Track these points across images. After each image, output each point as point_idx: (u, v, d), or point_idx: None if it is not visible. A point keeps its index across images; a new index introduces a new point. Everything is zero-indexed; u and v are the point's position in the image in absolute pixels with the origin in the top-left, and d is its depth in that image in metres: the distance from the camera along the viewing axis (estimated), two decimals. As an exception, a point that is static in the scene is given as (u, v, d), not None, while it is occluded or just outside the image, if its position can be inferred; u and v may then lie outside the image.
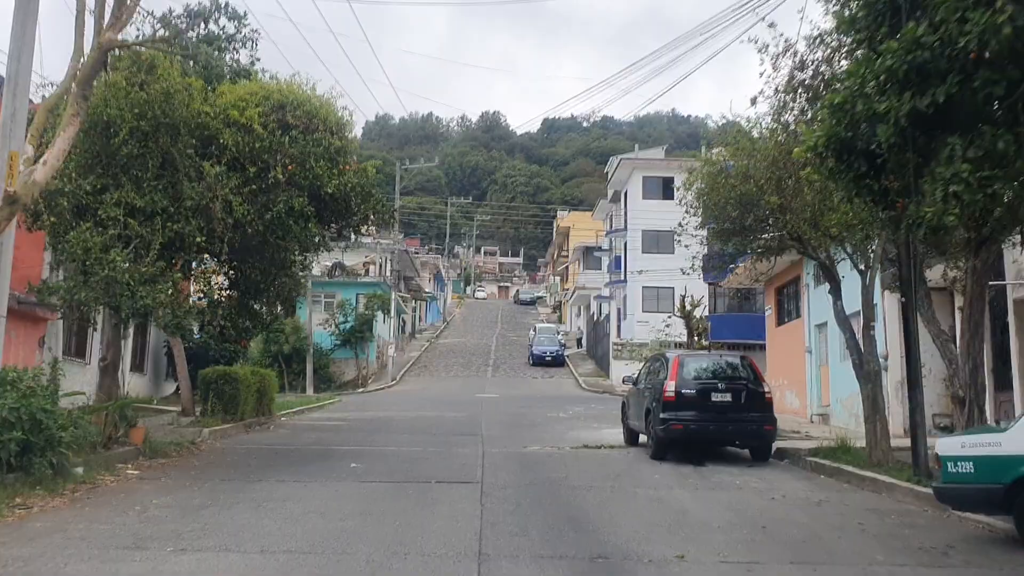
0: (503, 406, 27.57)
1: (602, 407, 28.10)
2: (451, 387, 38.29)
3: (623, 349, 40.61)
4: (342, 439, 16.53)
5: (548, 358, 46.12)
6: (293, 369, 40.70)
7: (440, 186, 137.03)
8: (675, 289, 42.39)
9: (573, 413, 25.18)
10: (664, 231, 42.64)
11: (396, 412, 24.61)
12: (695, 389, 13.56)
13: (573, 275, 65.02)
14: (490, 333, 62.69)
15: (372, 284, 42.27)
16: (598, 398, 34.28)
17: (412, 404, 28.44)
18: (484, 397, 31.91)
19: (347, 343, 41.63)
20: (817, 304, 22.21)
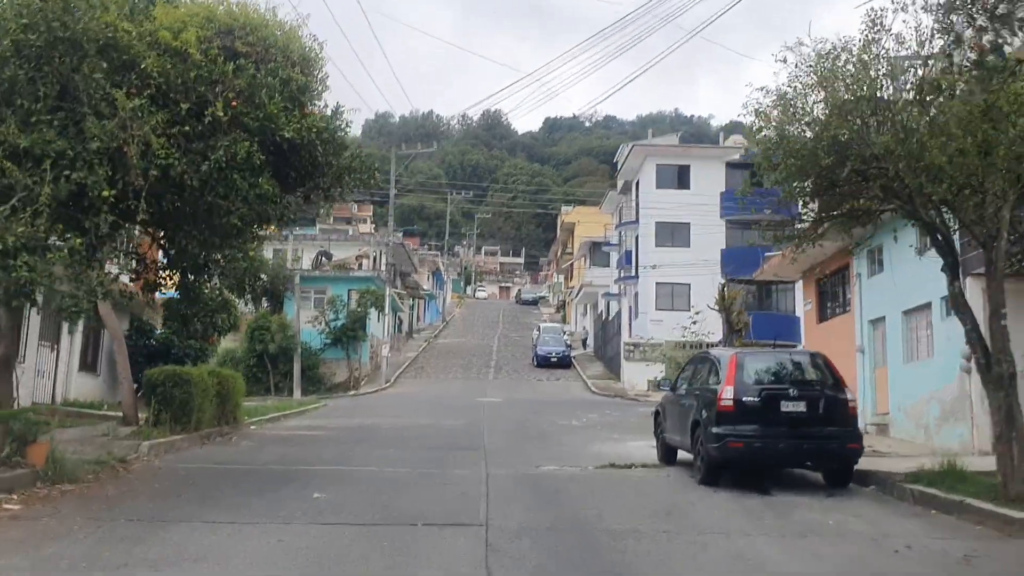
0: (507, 412, 24.62)
1: (618, 414, 25.15)
2: (450, 390, 35.32)
3: (635, 350, 37.63)
4: (314, 455, 13.55)
5: (554, 359, 43.17)
6: (280, 370, 37.76)
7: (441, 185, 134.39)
8: (691, 285, 39.57)
9: (587, 421, 22.21)
10: (679, 223, 39.88)
11: (386, 419, 21.67)
12: (759, 396, 10.57)
13: (579, 272, 62.09)
14: (491, 333, 59.72)
15: (365, 279, 39.33)
16: (611, 403, 31.29)
17: (406, 409, 25.50)
18: (486, 402, 28.96)
19: (338, 342, 38.68)
20: (872, 296, 19.23)
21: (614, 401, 33.08)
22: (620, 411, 26.30)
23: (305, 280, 39.60)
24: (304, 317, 38.33)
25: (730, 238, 40.19)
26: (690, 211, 39.57)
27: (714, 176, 40.11)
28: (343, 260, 40.09)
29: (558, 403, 29.32)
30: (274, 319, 37.35)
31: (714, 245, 39.50)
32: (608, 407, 28.04)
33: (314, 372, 38.03)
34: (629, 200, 43.80)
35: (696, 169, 39.95)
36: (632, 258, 42.81)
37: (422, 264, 66.20)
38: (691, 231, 39.80)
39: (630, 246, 43.20)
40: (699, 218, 39.52)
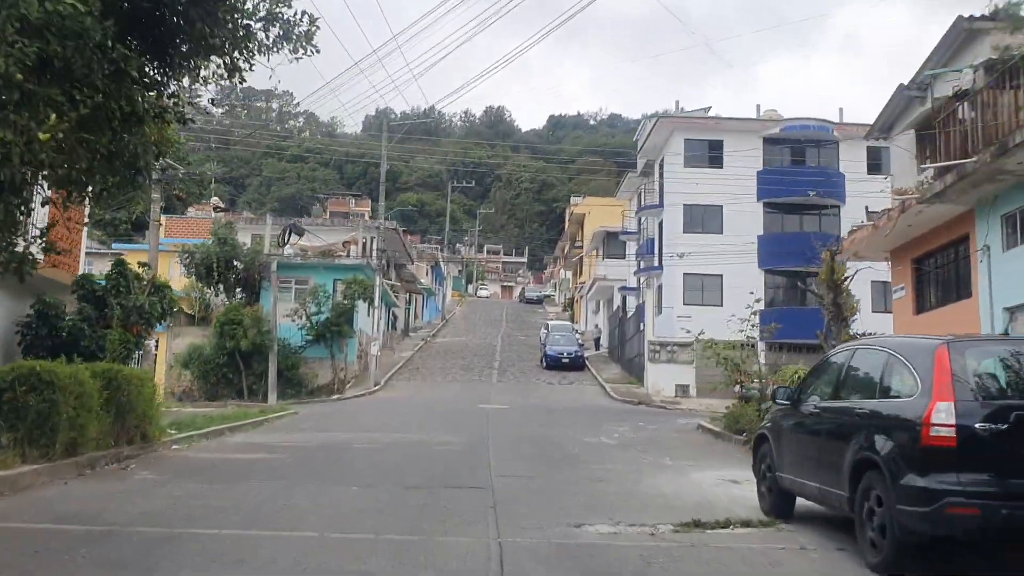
0: (517, 423, 19.87)
1: (653, 427, 20.38)
2: (448, 394, 30.55)
3: (662, 350, 32.82)
4: (230, 501, 8.74)
5: (565, 360, 38.37)
6: (254, 370, 32.99)
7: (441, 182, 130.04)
8: (724, 277, 34.77)
9: (621, 437, 17.43)
10: (711, 206, 35.14)
11: (365, 433, 16.92)
12: (1006, 421, 5.75)
13: (589, 266, 57.30)
14: (494, 332, 54.91)
15: (353, 267, 34.55)
16: (637, 411, 26.50)
17: (394, 418, 20.75)
18: (490, 409, 24.20)
19: (321, 339, 33.88)
20: (1008, 276, 14.35)
21: (639, 409, 28.26)
22: (654, 422, 21.53)
23: (284, 268, 34.83)
24: (282, 310, 33.57)
25: (768, 223, 35.44)
26: (723, 192, 34.80)
27: (750, 153, 35.37)
28: (328, 246, 35.36)
29: (576, 411, 24.54)
30: (247, 312, 32.60)
31: (750, 231, 34.74)
32: (637, 417, 23.26)
33: (293, 373, 33.26)
34: (651, 182, 39.03)
35: (730, 145, 35.24)
36: (654, 246, 38.03)
37: (420, 258, 61.47)
38: (724, 215, 35.05)
39: (652, 233, 38.41)
40: (733, 200, 34.76)
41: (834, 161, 35.59)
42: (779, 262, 34.70)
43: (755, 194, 35.28)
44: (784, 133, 35.25)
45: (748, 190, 35.07)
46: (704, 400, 32.11)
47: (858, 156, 35.51)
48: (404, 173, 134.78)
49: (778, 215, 35.48)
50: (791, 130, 35.13)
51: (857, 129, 35.64)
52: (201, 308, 35.84)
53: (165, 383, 35.26)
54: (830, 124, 35.28)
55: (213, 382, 33.43)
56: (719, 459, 14.07)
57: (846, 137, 35.44)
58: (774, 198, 35.15)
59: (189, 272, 34.02)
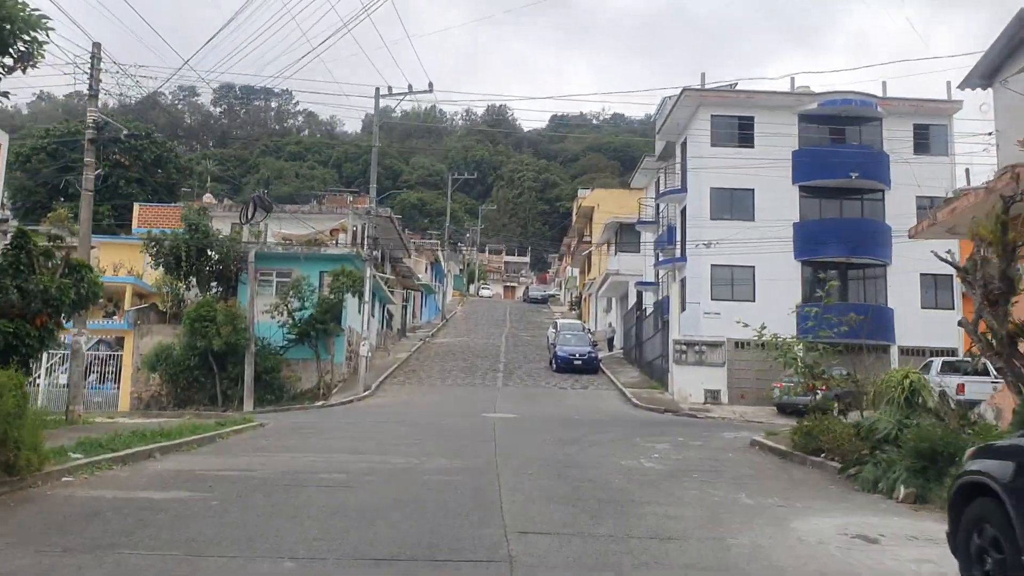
0: (531, 437, 16.14)
1: (696, 442, 16.64)
2: (447, 401, 26.85)
3: (689, 351, 29.07)
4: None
5: (578, 362, 34.65)
6: (228, 373, 29.31)
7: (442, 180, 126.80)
8: (755, 269, 31.04)
9: (664, 458, 13.71)
10: (741, 189, 31.43)
11: (339, 454, 13.22)
12: None
13: (599, 262, 53.56)
14: (498, 332, 51.20)
15: (340, 257, 30.81)
16: (667, 421, 22.79)
17: (380, 432, 17.06)
18: (496, 419, 20.50)
19: (305, 338, 30.18)
20: None
21: (668, 419, 24.54)
22: (695, 436, 17.78)
23: (264, 258, 31.12)
24: (261, 305, 29.89)
25: (805, 209, 31.69)
26: (754, 174, 31.07)
27: (784, 130, 31.64)
28: (314, 234, 31.67)
29: (598, 423, 20.80)
30: (220, 307, 28.89)
31: (785, 217, 31.00)
32: (671, 429, 19.50)
33: (273, 376, 29.55)
34: (672, 165, 35.31)
35: (762, 121, 31.52)
36: (676, 236, 34.31)
37: (419, 252, 57.77)
38: (755, 200, 31.30)
39: (673, 221, 34.67)
40: (766, 184, 31.04)
41: (877, 140, 31.87)
42: (818, 252, 30.97)
43: (790, 176, 31.54)
44: (822, 109, 31.52)
45: (782, 172, 31.35)
46: (737, 407, 28.40)
47: (904, 135, 31.80)
48: (404, 171, 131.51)
49: (815, 200, 31.74)
50: (830, 105, 31.40)
51: (904, 104, 31.99)
52: (174, 304, 32.12)
53: (132, 388, 31.64)
54: (873, 98, 31.56)
55: (183, 386, 29.77)
56: (811, 494, 10.40)
57: (891, 113, 31.73)
58: (811, 181, 31.41)
59: (157, 263, 30.32)
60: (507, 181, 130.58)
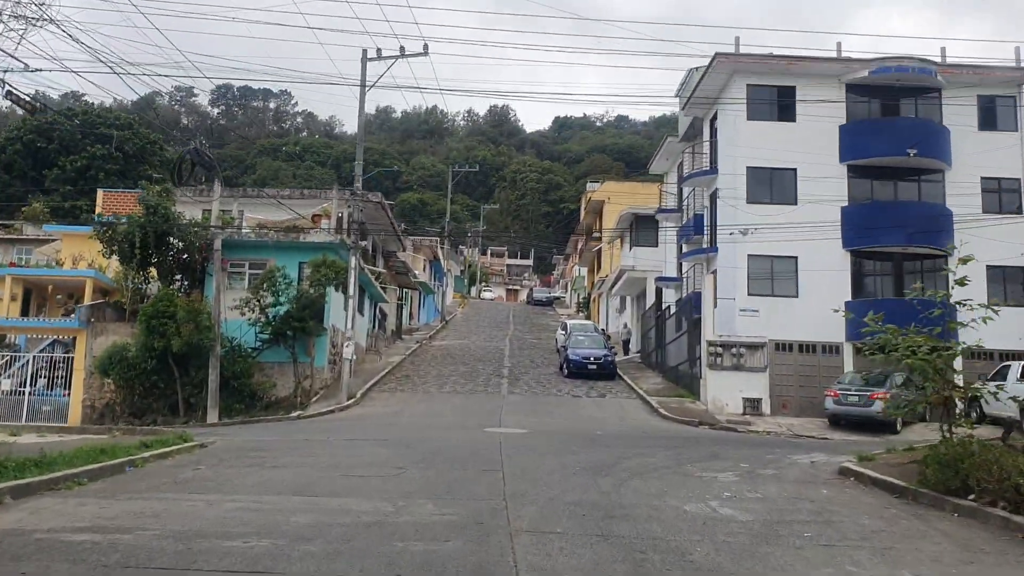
0: (550, 465, 12.15)
1: (767, 470, 12.68)
2: (444, 412, 22.88)
3: (725, 353, 25.07)
4: None
5: (592, 367, 30.66)
6: (192, 378, 25.41)
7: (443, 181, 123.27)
8: (799, 259, 27.09)
9: (741, 499, 9.76)
10: (781, 169, 27.50)
11: (281, 497, 9.28)
12: None
13: (612, 258, 49.55)
14: (501, 334, 47.23)
15: (322, 246, 26.83)
16: (708, 438, 18.79)
17: (353, 457, 13.11)
18: (502, 435, 16.52)
19: (281, 338, 26.24)
20: None
21: (707, 434, 20.57)
22: (756, 459, 13.77)
23: (235, 248, 27.20)
24: (231, 300, 25.97)
25: (854, 190, 27.70)
26: (796, 152, 27.13)
27: (830, 102, 27.69)
28: (293, 220, 27.72)
29: (628, 439, 16.81)
30: (181, 301, 24.96)
31: (831, 201, 27.02)
32: (721, 449, 15.49)
33: (244, 382, 25.61)
34: (699, 145, 31.33)
35: (805, 92, 27.57)
36: (704, 224, 30.33)
37: (417, 249, 53.85)
38: (798, 181, 27.31)
39: (701, 207, 30.68)
40: (809, 162, 27.08)
41: (936, 113, 27.89)
42: (869, 240, 26.99)
43: (836, 154, 27.56)
44: (873, 78, 27.55)
45: (828, 149, 27.39)
46: (780, 419, 24.42)
47: (966, 108, 27.85)
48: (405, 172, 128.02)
49: (866, 181, 27.74)
50: (882, 73, 27.42)
51: (967, 73, 28.03)
52: (135, 299, 28.14)
53: (85, 395, 27.65)
54: (932, 65, 27.60)
55: (140, 394, 25.83)
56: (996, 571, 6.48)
57: (952, 83, 27.76)
58: (861, 159, 27.44)
59: (109, 251, 26.37)
60: (510, 182, 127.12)
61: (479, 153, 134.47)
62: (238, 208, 29.83)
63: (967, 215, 26.60)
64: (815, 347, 26.70)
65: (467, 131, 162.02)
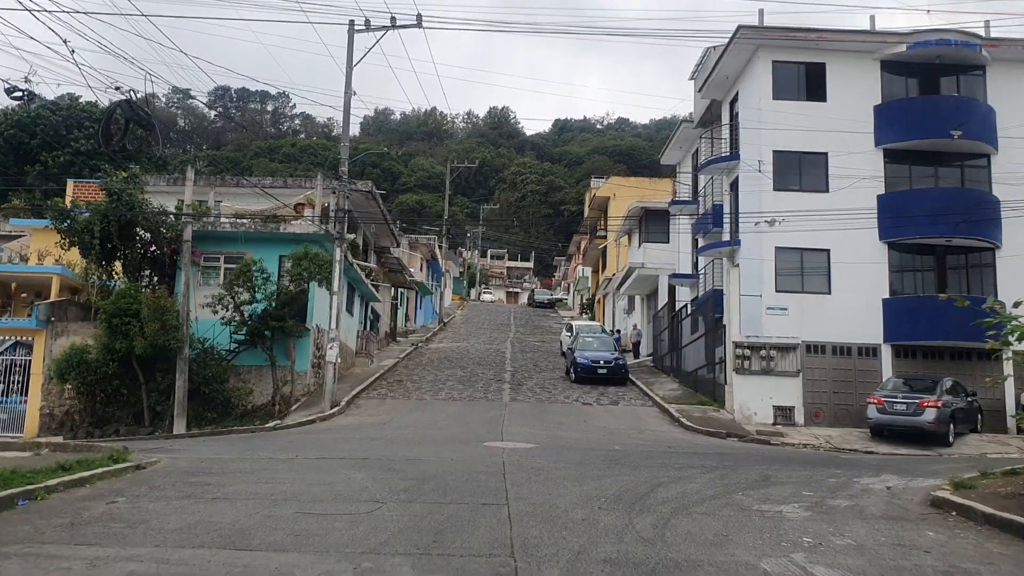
0: (568, 496, 9.56)
1: (840, 501, 10.14)
2: (438, 422, 20.28)
3: (753, 356, 22.48)
4: None
5: (602, 371, 28.09)
6: (158, 384, 22.86)
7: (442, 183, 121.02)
8: (831, 252, 24.57)
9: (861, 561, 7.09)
10: (811, 153, 24.98)
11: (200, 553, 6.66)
12: None
13: (618, 256, 47.01)
14: (502, 337, 44.68)
15: (303, 237, 24.23)
16: (748, 454, 16.19)
17: (317, 485, 10.51)
18: (505, 452, 13.94)
19: (258, 339, 23.67)
20: None
21: (738, 448, 18.01)
22: (815, 483, 11.20)
23: (209, 240, 24.64)
24: (203, 297, 23.42)
25: (892, 176, 25.15)
26: (827, 135, 24.60)
27: (863, 81, 25.18)
28: (273, 209, 25.19)
29: (654, 457, 14.21)
30: (146, 298, 22.39)
31: (866, 188, 24.48)
32: (768, 469, 12.90)
33: (217, 388, 23.04)
34: (718, 130, 28.80)
35: (837, 69, 25.06)
36: (723, 215, 27.77)
37: (414, 248, 51.31)
38: (829, 166, 24.78)
39: (720, 197, 28.12)
40: (841, 146, 24.55)
41: (980, 92, 25.36)
42: (908, 230, 24.42)
43: (871, 136, 25.02)
44: (911, 53, 25.03)
45: (862, 132, 24.83)
46: (816, 430, 21.84)
47: (1014, 86, 25.33)
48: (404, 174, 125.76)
49: (904, 166, 25.19)
50: (921, 48, 24.89)
51: (1016, 48, 25.50)
52: (104, 297, 25.54)
53: (43, 402, 25.01)
54: (977, 40, 25.08)
55: (102, 401, 23.27)
56: None
57: (998, 59, 25.26)
58: (898, 142, 24.89)
59: (67, 243, 23.80)
60: (509, 184, 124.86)
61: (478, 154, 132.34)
62: (215, 198, 27.29)
63: (1015, 203, 24.07)
64: (850, 349, 24.12)
65: (467, 133, 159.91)
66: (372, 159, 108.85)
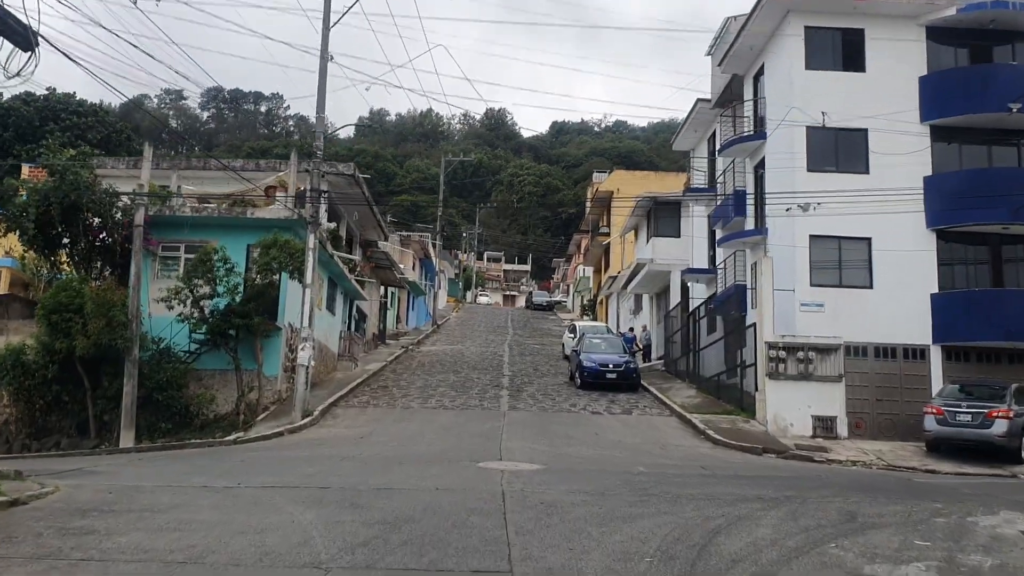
0: (596, 551, 6.59)
1: (973, 555, 7.03)
2: (424, 435, 17.33)
3: (789, 358, 19.52)
4: None
5: (611, 376, 25.14)
6: (106, 390, 19.89)
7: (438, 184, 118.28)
8: (872, 241, 21.70)
9: None
10: (849, 130, 22.12)
11: None
12: None
13: (623, 254, 44.09)
14: (499, 339, 41.75)
15: (274, 223, 21.23)
16: (806, 477, 13.26)
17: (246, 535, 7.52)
18: (504, 476, 10.99)
19: (221, 339, 20.70)
20: None
21: (783, 466, 15.12)
22: (927, 526, 8.29)
23: (169, 226, 21.67)
24: (160, 291, 20.47)
25: (939, 156, 22.29)
26: (868, 109, 21.75)
27: (907, 49, 22.36)
28: (242, 193, 22.29)
29: (691, 483, 11.30)
30: (90, 291, 19.45)
31: (911, 169, 21.63)
32: (847, 502, 9.99)
33: (174, 395, 20.03)
34: (741, 107, 25.93)
35: (877, 36, 22.27)
36: (746, 201, 24.88)
37: (406, 244, 48.39)
38: (869, 145, 21.96)
39: (742, 181, 25.24)
40: (883, 122, 21.72)
41: (1036, 62, 22.58)
42: (959, 217, 21.54)
43: (916, 111, 22.17)
44: (962, 17, 22.22)
45: (906, 106, 21.97)
46: (864, 444, 18.93)
47: (1074, 56, 22.53)
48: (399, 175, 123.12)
49: (953, 145, 22.35)
50: (973, 11, 22.07)
51: (1077, 10, 22.61)
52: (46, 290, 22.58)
53: (-20, 410, 22.13)
54: (1035, 2, 22.29)
55: (41, 409, 20.29)
56: None
57: (1058, 23, 22.46)
58: (947, 117, 22.04)
59: (3, 229, 20.83)
60: (506, 186, 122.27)
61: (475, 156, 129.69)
62: (178, 182, 24.35)
63: (1079, 187, 21.25)
64: (894, 351, 21.22)
65: (463, 134, 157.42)
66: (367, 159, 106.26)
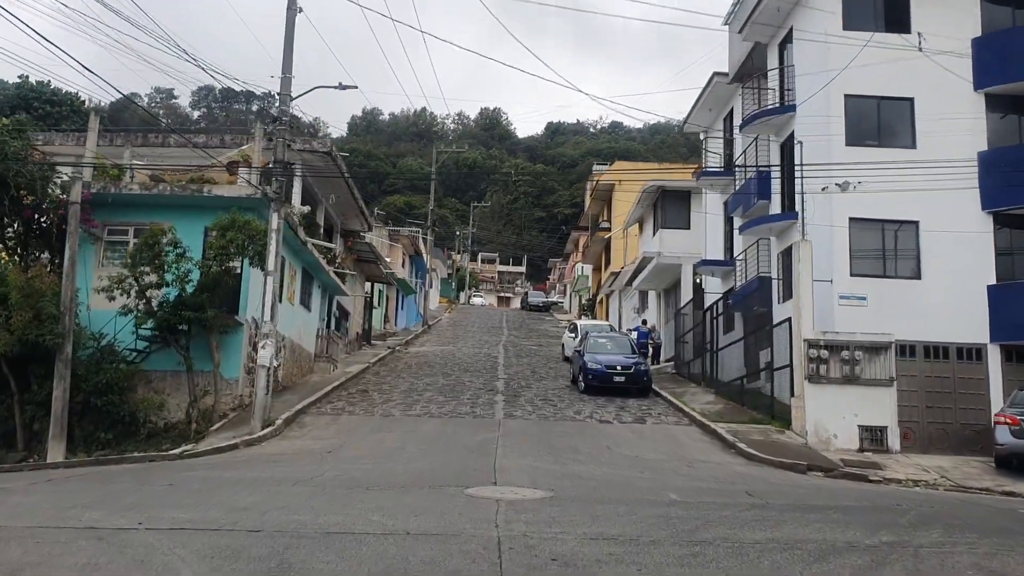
0: None
1: None
2: (404, 449, 14.52)
3: (831, 359, 16.75)
4: None
5: (620, 378, 22.40)
6: (36, 394, 17.06)
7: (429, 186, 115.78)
8: (919, 224, 19.02)
9: None
10: (893, 99, 19.39)
11: None
12: None
13: (625, 250, 41.38)
14: (494, 340, 38.97)
15: (233, 202, 18.38)
16: (880, 508, 10.48)
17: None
18: (499, 508, 8.16)
19: (170, 336, 17.87)
20: None
21: (830, 488, 12.38)
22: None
23: (112, 207, 18.85)
24: (100, 279, 17.66)
25: (996, 129, 19.65)
26: (913, 76, 19.12)
27: (957, 6, 19.77)
28: (200, 169, 19.53)
29: (748, 521, 8.51)
30: (14, 278, 16.64)
31: (964, 144, 18.98)
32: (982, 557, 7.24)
33: (115, 400, 17.21)
34: (764, 80, 23.22)
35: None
36: (770, 185, 22.18)
37: (395, 240, 45.59)
38: (915, 116, 19.33)
39: (769, 158, 22.51)
40: (930, 90, 19.11)
41: (1103, 24, 19.95)
42: (1021, 198, 18.91)
43: (969, 79, 19.53)
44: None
45: (958, 72, 19.33)
46: (921, 459, 16.19)
47: None
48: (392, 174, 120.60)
49: (1012, 117, 19.73)
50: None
51: None
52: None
53: None
54: (1101, -45, 19.68)
55: (-43, 416, 17.44)
56: None
57: None
58: (1005, 84, 19.42)
59: (-83, 206, 17.97)
60: (501, 186, 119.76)
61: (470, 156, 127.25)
62: (132, 158, 21.51)
63: None
64: (946, 350, 18.55)
65: (458, 134, 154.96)
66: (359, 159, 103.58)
